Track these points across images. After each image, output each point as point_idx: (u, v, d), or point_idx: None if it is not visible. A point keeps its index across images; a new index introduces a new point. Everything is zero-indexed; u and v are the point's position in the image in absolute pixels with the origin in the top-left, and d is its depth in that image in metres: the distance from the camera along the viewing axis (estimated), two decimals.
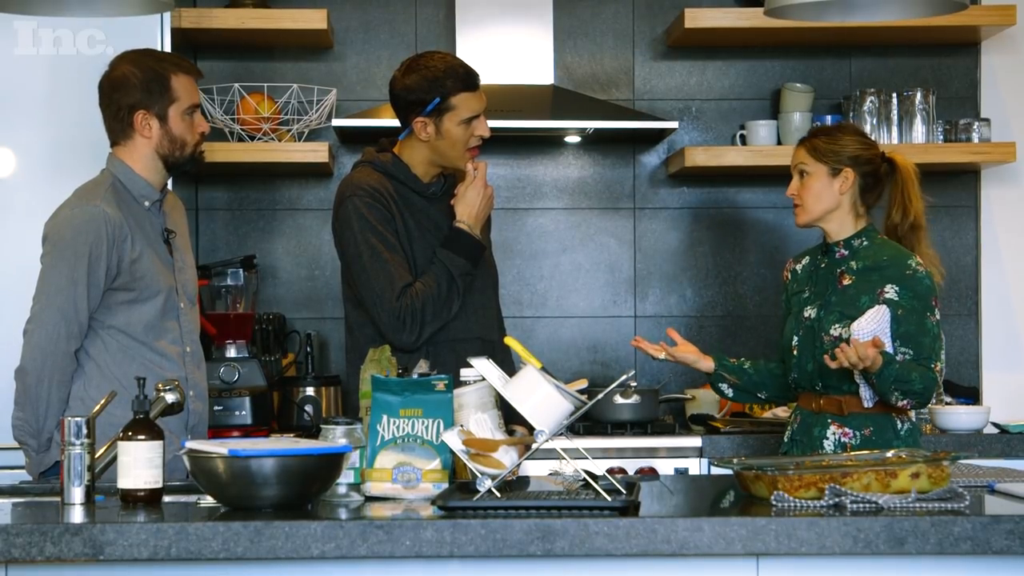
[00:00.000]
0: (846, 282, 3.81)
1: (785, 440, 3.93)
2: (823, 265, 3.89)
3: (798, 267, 3.99)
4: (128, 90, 3.61)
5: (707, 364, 4.00)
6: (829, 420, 3.79)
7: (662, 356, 3.98)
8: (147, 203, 3.65)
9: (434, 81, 3.81)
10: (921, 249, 3.86)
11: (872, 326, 3.72)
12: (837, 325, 3.76)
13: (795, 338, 3.85)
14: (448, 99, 3.81)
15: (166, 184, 3.73)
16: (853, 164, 3.82)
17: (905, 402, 3.67)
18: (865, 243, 3.84)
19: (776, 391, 4.02)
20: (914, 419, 3.85)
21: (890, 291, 3.73)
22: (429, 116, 3.81)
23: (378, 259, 3.74)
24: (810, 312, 3.84)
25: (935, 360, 3.72)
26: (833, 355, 3.61)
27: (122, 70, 3.64)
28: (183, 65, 3.68)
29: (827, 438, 3.78)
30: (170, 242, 3.70)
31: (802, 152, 3.87)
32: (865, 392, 3.73)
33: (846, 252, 3.85)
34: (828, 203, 3.84)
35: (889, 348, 3.71)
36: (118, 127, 3.65)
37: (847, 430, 3.76)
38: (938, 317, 3.76)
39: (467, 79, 3.85)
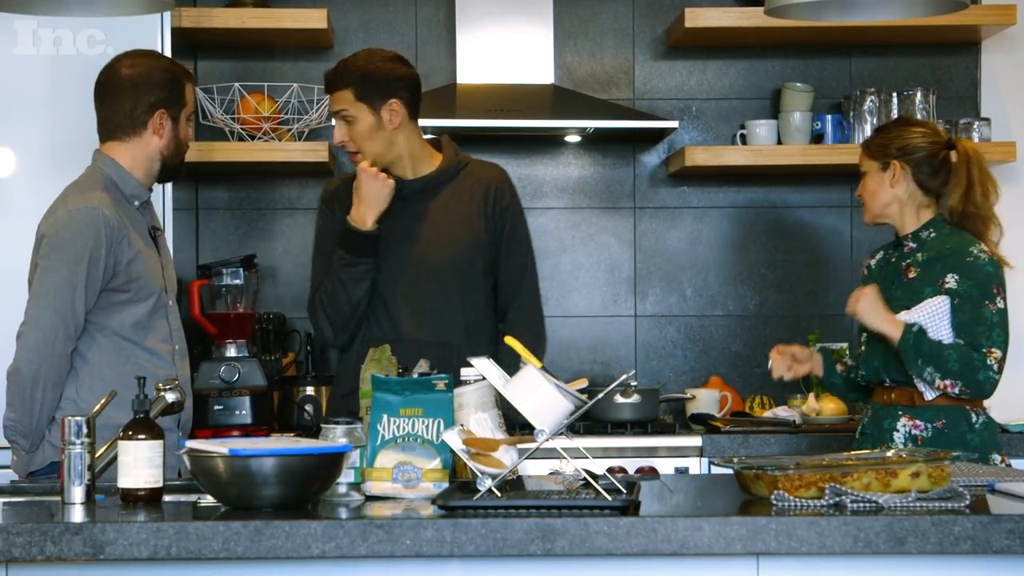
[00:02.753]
0: (911, 275, 3.78)
1: (856, 436, 3.90)
2: (893, 260, 3.87)
3: (872, 262, 3.97)
4: (153, 88, 3.61)
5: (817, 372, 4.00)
6: (900, 412, 3.75)
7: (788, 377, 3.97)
8: (137, 203, 3.65)
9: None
10: (987, 241, 3.80)
11: (919, 315, 3.67)
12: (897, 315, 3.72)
13: (864, 334, 3.82)
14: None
15: (152, 185, 3.73)
16: (900, 155, 3.80)
17: (947, 383, 3.63)
18: (933, 234, 3.81)
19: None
20: (989, 414, 3.80)
21: (951, 280, 3.70)
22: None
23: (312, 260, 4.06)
24: None
25: (989, 347, 3.66)
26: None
27: (145, 67, 3.63)
28: (186, 72, 3.71)
29: (897, 430, 3.74)
30: (157, 240, 3.70)
31: (860, 153, 3.91)
32: (920, 383, 3.70)
33: (914, 245, 3.82)
34: (884, 198, 3.83)
35: (948, 338, 3.67)
36: (127, 123, 3.62)
37: (918, 422, 3.72)
38: (1000, 305, 3.70)
39: None
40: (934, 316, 3.68)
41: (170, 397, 3.05)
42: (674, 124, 4.88)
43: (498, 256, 4.01)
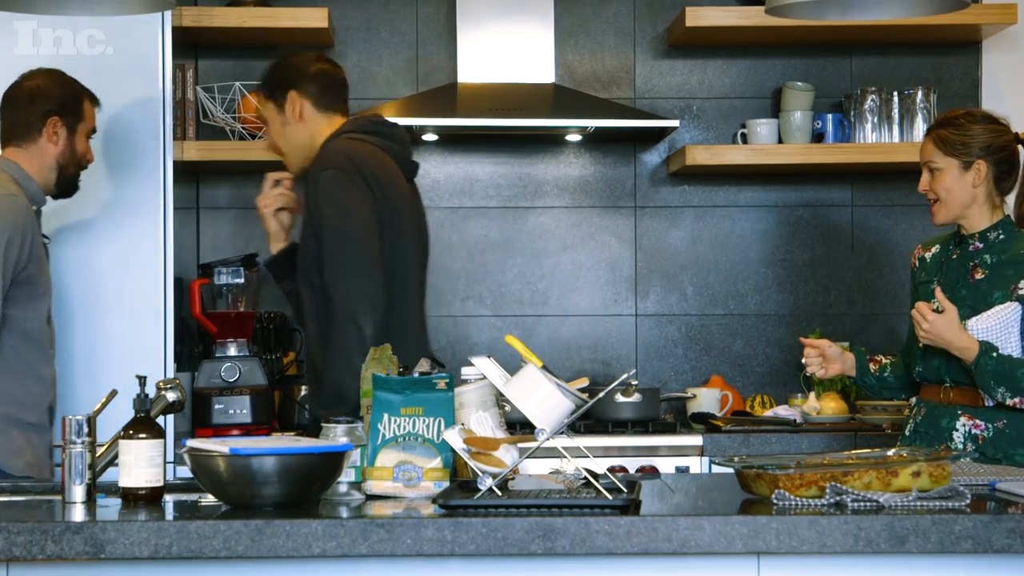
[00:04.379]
0: (978, 276, 3.68)
1: (906, 434, 3.82)
2: (955, 256, 3.77)
3: (927, 255, 3.86)
4: (49, 99, 3.89)
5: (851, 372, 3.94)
6: (959, 412, 3.68)
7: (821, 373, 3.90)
8: (35, 207, 3.85)
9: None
10: None
11: (991, 323, 3.59)
12: (967, 320, 3.62)
13: None
14: None
15: (48, 195, 3.96)
16: (986, 154, 3.68)
17: (1017, 400, 3.56)
18: (1002, 236, 3.70)
19: (912, 391, 3.93)
20: None
21: None
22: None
23: None
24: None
25: None
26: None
27: (43, 81, 3.92)
28: (89, 92, 3.97)
29: (956, 430, 3.67)
30: (47, 248, 3.90)
31: (929, 147, 3.72)
32: (986, 396, 3.63)
33: (981, 245, 3.71)
34: (963, 198, 3.68)
35: (1017, 347, 3.59)
36: (24, 131, 3.87)
37: (979, 422, 3.65)
38: None
39: None
40: (1006, 323, 3.58)
41: (171, 396, 3.05)
42: (675, 123, 4.88)
43: None
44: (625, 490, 2.71)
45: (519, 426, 4.01)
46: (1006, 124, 3.75)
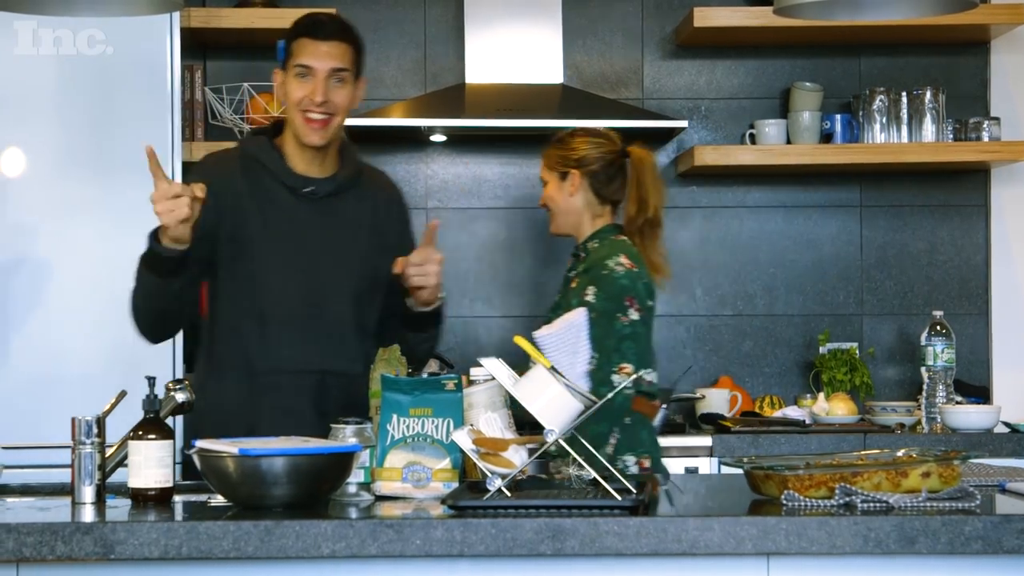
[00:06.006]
0: (573, 286, 3.81)
1: None
2: (571, 271, 3.90)
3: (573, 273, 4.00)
4: None
5: None
6: None
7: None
8: None
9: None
10: (655, 247, 3.87)
11: (558, 328, 3.64)
12: (537, 331, 3.74)
13: None
14: (290, 43, 3.43)
15: None
16: (577, 165, 3.85)
17: (612, 442, 3.66)
18: (596, 244, 3.85)
19: None
20: (641, 414, 3.77)
21: (590, 293, 3.72)
22: (282, 66, 3.45)
23: None
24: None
25: (621, 361, 3.67)
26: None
27: None
28: None
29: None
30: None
31: (542, 164, 3.94)
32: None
33: (584, 255, 3.86)
34: (564, 207, 3.87)
35: (586, 352, 3.56)
36: None
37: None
38: (633, 317, 3.70)
39: (307, 25, 3.43)
40: (573, 328, 3.64)
41: (180, 397, 3.05)
42: (683, 124, 4.88)
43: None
44: (634, 491, 2.71)
45: (527, 427, 4.01)
46: (608, 139, 3.90)
